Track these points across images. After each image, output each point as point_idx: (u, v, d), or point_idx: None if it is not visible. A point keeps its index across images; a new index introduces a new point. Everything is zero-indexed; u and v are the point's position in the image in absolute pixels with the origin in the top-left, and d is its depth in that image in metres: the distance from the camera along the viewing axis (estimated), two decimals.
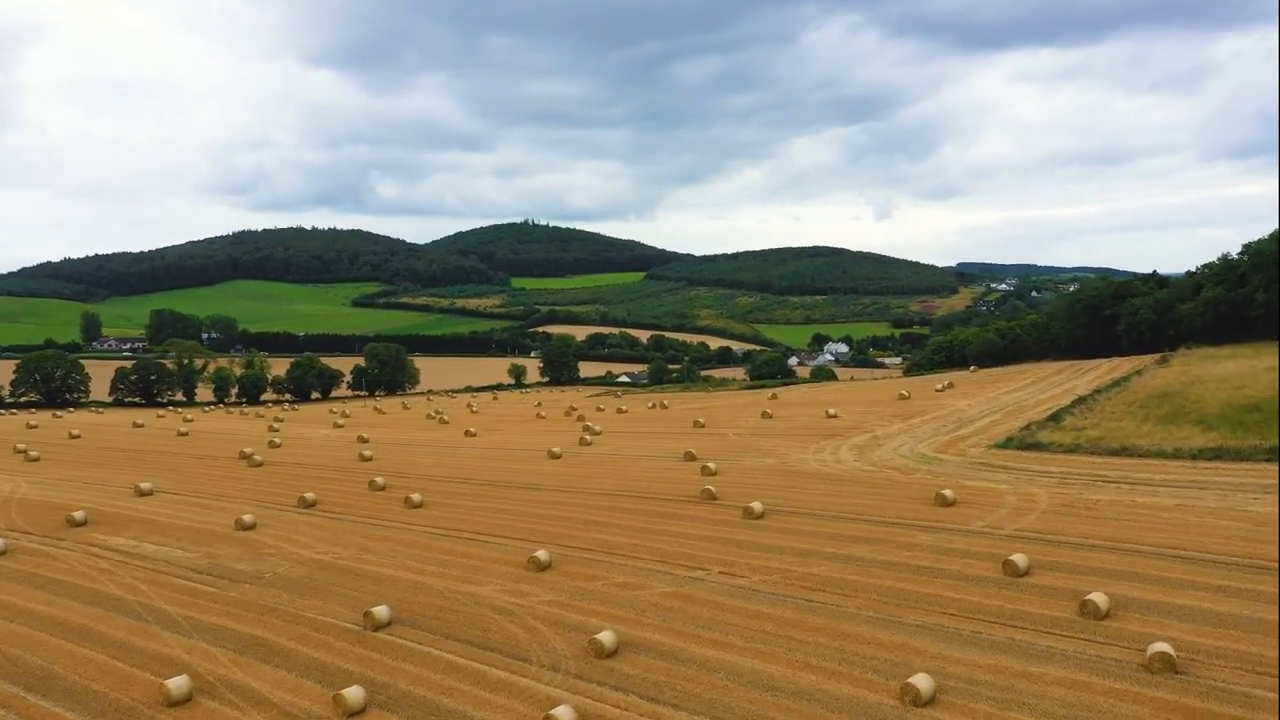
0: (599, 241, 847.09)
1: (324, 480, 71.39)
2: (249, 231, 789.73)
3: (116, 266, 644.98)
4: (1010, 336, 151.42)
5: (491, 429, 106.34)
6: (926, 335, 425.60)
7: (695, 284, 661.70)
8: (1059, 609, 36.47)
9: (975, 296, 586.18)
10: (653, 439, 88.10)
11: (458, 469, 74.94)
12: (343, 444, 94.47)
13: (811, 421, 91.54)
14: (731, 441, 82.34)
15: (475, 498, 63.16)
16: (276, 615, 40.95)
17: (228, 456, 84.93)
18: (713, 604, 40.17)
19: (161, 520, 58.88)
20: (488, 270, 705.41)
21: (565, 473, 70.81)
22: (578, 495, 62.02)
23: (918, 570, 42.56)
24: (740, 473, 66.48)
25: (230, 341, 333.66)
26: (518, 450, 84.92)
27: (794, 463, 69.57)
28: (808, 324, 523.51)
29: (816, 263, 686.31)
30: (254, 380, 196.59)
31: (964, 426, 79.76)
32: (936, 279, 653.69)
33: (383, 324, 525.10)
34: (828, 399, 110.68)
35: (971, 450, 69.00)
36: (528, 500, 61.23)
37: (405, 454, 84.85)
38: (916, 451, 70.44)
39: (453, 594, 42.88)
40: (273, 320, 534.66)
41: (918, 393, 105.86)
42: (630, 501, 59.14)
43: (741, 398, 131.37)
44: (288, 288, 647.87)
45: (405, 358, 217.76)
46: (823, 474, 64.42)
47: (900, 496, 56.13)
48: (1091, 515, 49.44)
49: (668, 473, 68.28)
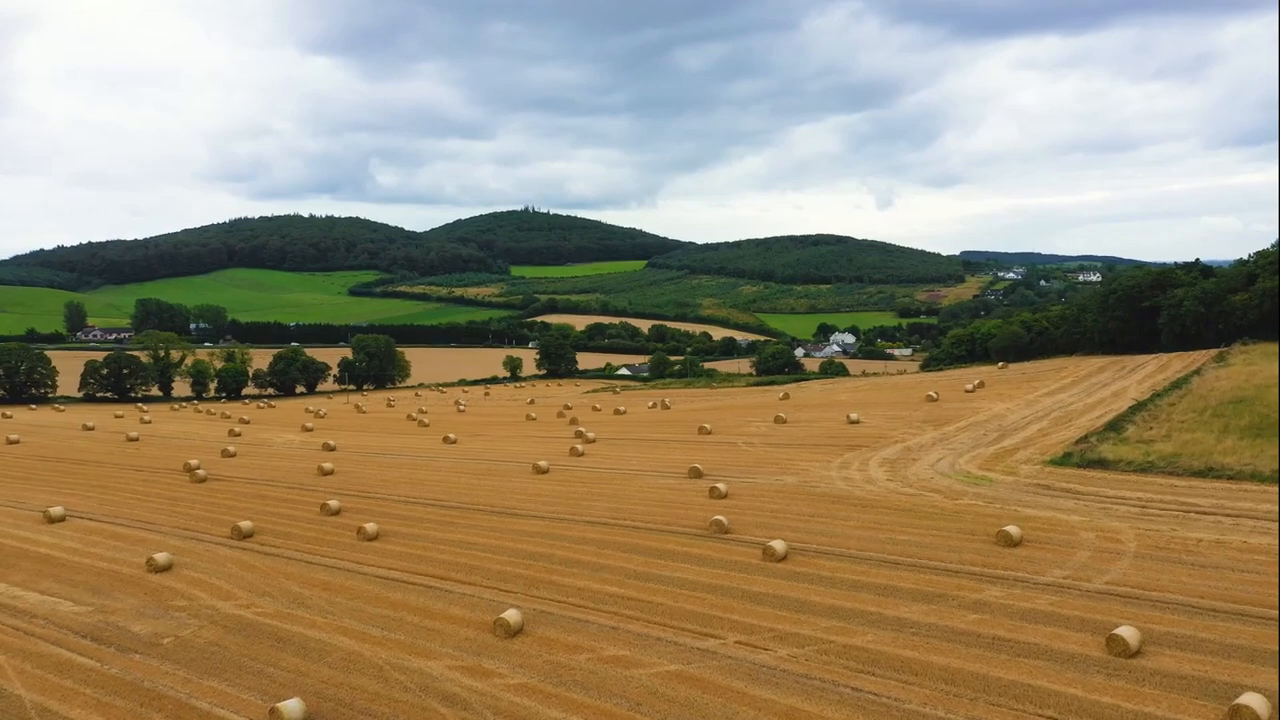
0: (600, 229, 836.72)
1: (271, 502, 61.77)
2: (245, 219, 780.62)
3: (110, 254, 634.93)
4: (1036, 329, 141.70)
5: (475, 433, 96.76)
6: (934, 325, 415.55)
7: (697, 272, 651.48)
8: (1197, 713, 26.83)
9: (982, 285, 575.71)
10: (653, 448, 78.42)
11: (428, 487, 65.31)
12: (306, 453, 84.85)
13: (832, 428, 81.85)
14: (742, 453, 72.66)
15: (442, 526, 53.56)
16: (160, 708, 31.34)
17: (171, 469, 75.30)
18: (730, 692, 30.55)
19: (62, 557, 49.26)
20: (487, 258, 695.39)
21: (551, 493, 61.20)
22: (563, 523, 52.42)
23: (992, 644, 32.89)
24: (755, 495, 56.85)
25: (219, 332, 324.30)
26: (500, 462, 75.28)
27: (817, 481, 59.91)
28: (812, 313, 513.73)
29: (820, 251, 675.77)
30: (234, 374, 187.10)
31: (1007, 436, 70.05)
32: (942, 268, 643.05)
33: (379, 313, 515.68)
34: (846, 400, 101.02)
35: (1024, 468, 59.30)
36: (504, 530, 51.64)
37: (373, 467, 75.23)
38: (959, 468, 60.75)
39: (395, 672, 33.30)
40: (267, 310, 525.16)
41: (946, 392, 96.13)
42: (625, 534, 49.54)
43: (750, 396, 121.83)
44: (284, 276, 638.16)
45: (395, 350, 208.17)
46: (853, 498, 54.72)
47: (952, 530, 46.46)
48: (1197, 562, 39.75)
49: (670, 494, 58.65)
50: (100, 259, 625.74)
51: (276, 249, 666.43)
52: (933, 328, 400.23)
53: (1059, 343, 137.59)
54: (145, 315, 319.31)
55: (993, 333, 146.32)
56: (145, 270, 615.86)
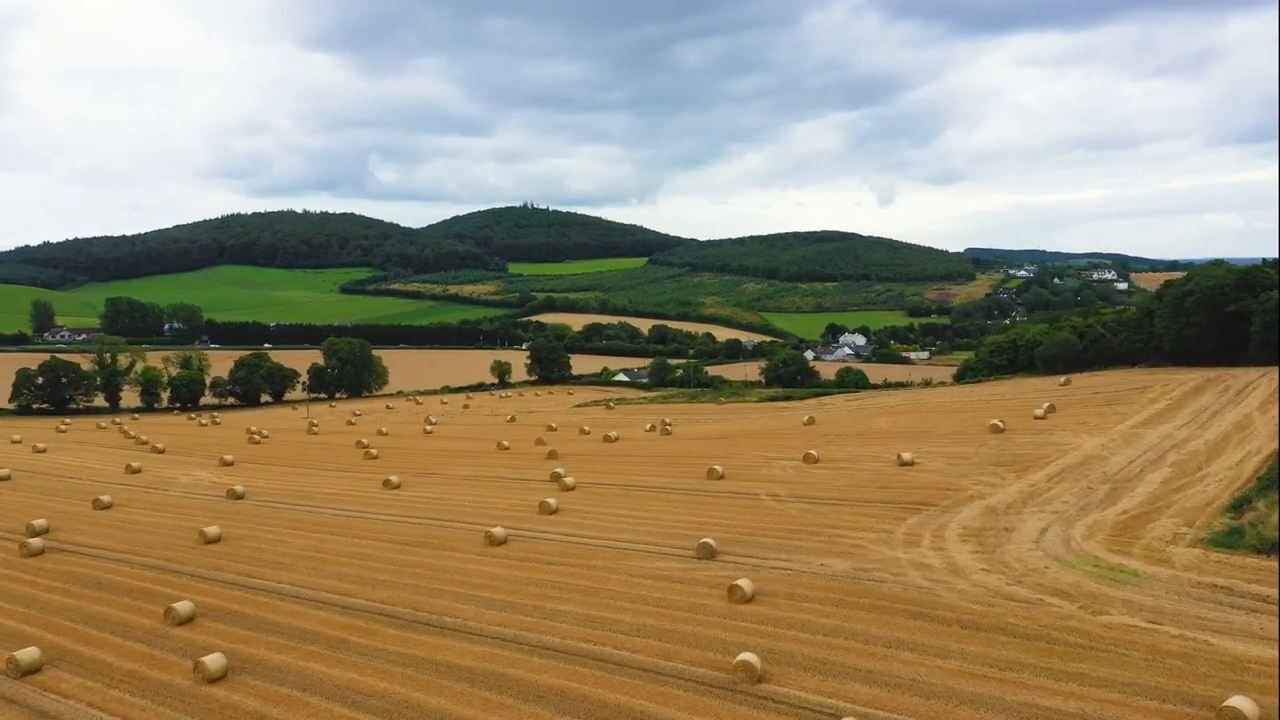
0: (600, 226, 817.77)
1: (105, 598, 43.97)
2: (237, 215, 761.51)
3: (95, 251, 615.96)
4: (1090, 336, 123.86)
5: (428, 470, 78.87)
6: (947, 325, 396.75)
7: (699, 270, 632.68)
8: None
9: (994, 284, 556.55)
10: (648, 500, 60.55)
11: (335, 571, 47.47)
12: (204, 503, 66.95)
13: (879, 471, 63.97)
14: (768, 513, 54.89)
15: (333, 651, 35.83)
16: None
17: (9, 533, 57.51)
18: None
19: None
20: (484, 255, 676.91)
21: (503, 583, 43.42)
22: (509, 653, 34.68)
23: None
24: (795, 596, 39.07)
25: (195, 332, 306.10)
26: (445, 522, 57.45)
27: (879, 568, 42.08)
28: (818, 312, 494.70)
29: (825, 248, 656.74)
30: (189, 383, 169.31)
31: (1123, 493, 52.23)
32: (951, 265, 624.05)
33: (371, 311, 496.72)
34: (886, 427, 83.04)
35: (1174, 551, 41.45)
36: (419, 665, 33.90)
37: (277, 529, 57.39)
38: (1079, 549, 42.95)
39: None
40: (255, 308, 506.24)
41: (1011, 418, 78.21)
42: (601, 679, 31.81)
43: (766, 417, 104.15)
44: (274, 273, 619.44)
45: (371, 355, 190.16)
46: (942, 607, 36.76)
47: (1129, 687, 28.61)
48: None
49: (671, 593, 40.84)
50: (86, 255, 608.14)
51: (268, 245, 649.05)
52: (946, 328, 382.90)
53: (1118, 351, 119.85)
54: (116, 315, 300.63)
55: (1038, 339, 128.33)
56: (132, 268, 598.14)
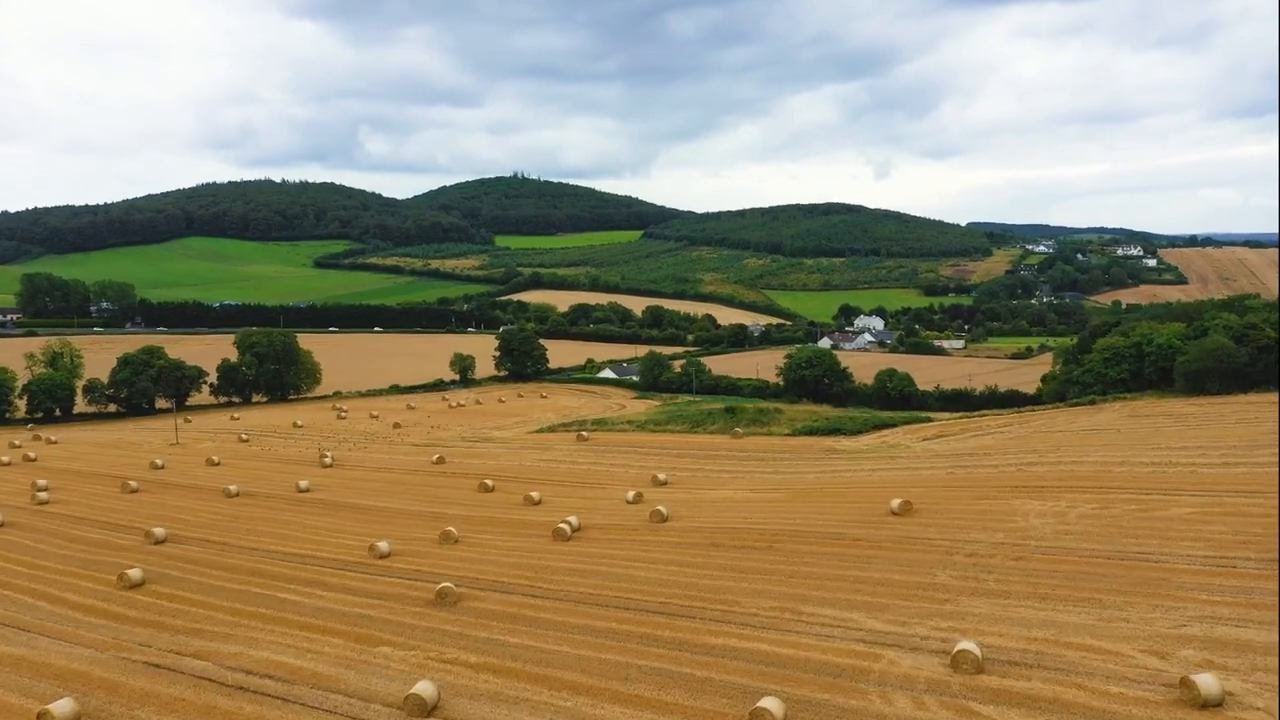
0: (593, 197, 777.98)
1: None
2: (210, 184, 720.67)
3: (53, 221, 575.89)
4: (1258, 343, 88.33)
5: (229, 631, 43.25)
6: (971, 306, 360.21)
7: (697, 244, 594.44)
8: None
9: (1013, 260, 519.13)
10: None
11: None
12: None
13: (1148, 700, 28.50)
14: None
15: None
16: None
17: None
18: None
19: None
20: (470, 228, 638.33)
21: None
22: None
23: None
24: None
25: (125, 314, 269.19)
26: None
27: None
28: (826, 290, 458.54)
29: (831, 221, 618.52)
30: (55, 386, 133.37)
31: None
32: (964, 240, 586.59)
33: (344, 287, 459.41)
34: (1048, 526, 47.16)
35: None
36: None
37: None
38: None
39: None
40: (221, 284, 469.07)
41: None
42: None
43: (814, 474, 68.56)
44: (246, 246, 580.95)
45: (296, 349, 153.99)
46: None
47: None
48: None
49: None
50: (42, 226, 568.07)
51: (238, 216, 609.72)
52: (973, 310, 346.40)
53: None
54: (34, 293, 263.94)
55: (1175, 344, 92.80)
56: (92, 239, 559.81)
